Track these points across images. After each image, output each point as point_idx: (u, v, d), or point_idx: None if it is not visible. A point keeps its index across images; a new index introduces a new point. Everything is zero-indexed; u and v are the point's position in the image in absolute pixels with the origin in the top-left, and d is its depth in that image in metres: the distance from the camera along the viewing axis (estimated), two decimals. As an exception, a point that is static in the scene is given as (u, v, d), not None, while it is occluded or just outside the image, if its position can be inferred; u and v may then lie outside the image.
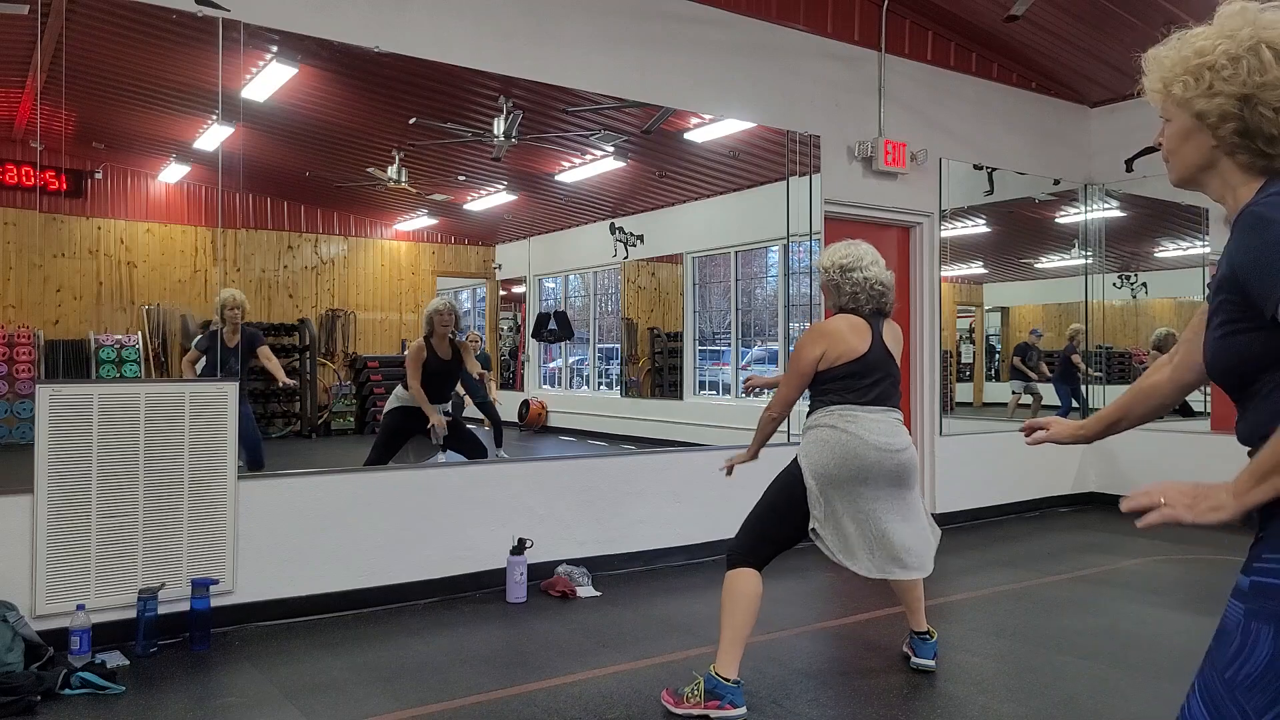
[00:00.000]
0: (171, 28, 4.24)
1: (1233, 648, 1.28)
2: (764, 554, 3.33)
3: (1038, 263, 8.64)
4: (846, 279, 3.45)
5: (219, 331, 4.58)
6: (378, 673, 3.66)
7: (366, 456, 5.14)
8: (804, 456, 3.32)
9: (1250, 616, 1.26)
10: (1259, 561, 1.28)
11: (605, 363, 7.54)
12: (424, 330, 5.34)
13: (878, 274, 3.46)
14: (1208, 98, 1.38)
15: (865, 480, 3.25)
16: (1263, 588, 1.25)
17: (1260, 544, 1.30)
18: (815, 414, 3.38)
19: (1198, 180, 1.47)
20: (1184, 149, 1.46)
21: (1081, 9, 6.36)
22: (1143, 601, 4.78)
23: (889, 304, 3.50)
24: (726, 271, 7.11)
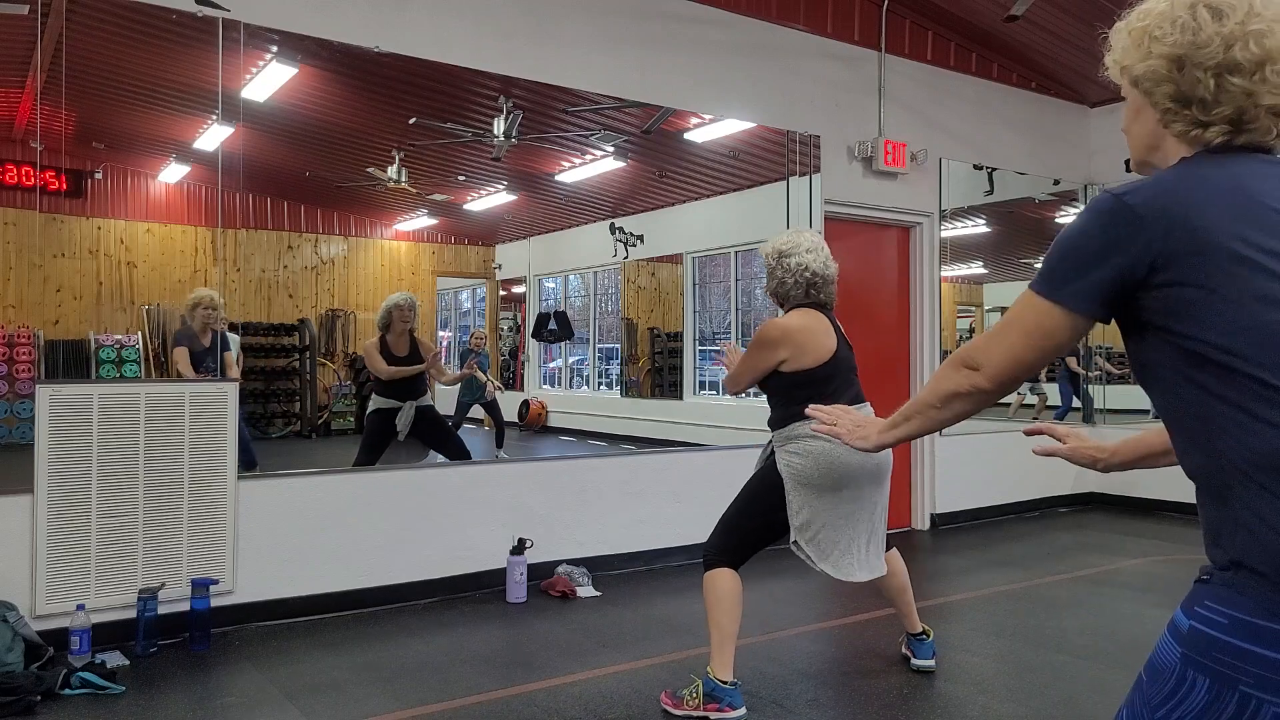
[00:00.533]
0: (171, 28, 4.24)
1: (1166, 688, 1.24)
2: (741, 554, 3.32)
3: (1038, 263, 8.63)
4: (780, 264, 3.41)
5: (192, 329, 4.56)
6: (378, 673, 3.66)
7: (355, 456, 5.13)
8: (785, 467, 3.27)
9: (1186, 663, 1.21)
10: (1201, 607, 1.22)
11: (605, 363, 7.54)
12: (379, 322, 5.28)
13: (810, 260, 3.37)
14: (1144, 61, 1.33)
15: (848, 484, 3.24)
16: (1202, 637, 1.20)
17: (1204, 586, 1.24)
18: (792, 426, 3.28)
19: (1150, 162, 1.42)
20: (1134, 127, 1.42)
21: (1081, 9, 6.35)
22: (1143, 601, 4.78)
23: (825, 296, 3.42)
24: (726, 271, 7.11)
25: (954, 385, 1.41)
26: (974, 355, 1.38)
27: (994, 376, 1.36)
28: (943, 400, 1.44)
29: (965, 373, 1.39)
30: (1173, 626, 1.27)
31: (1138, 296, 1.24)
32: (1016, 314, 1.34)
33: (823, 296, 3.42)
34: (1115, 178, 7.77)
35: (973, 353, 1.39)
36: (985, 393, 1.39)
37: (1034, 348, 1.32)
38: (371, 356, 5.24)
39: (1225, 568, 1.21)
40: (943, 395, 1.44)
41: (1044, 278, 1.31)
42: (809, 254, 3.39)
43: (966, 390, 1.40)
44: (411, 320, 5.29)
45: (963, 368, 1.40)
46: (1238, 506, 1.19)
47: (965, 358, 1.40)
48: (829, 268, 3.43)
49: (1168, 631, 1.28)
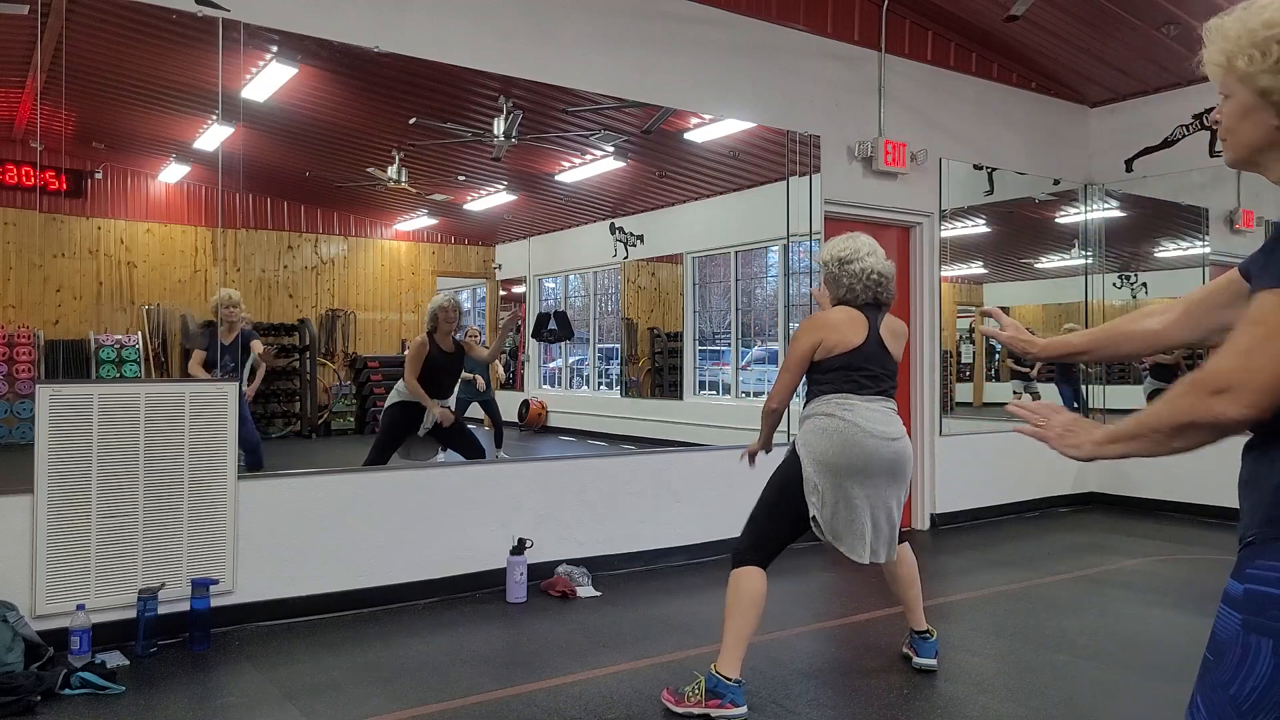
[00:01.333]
0: (171, 28, 4.24)
1: (1233, 662, 1.23)
2: (768, 551, 3.34)
3: (1038, 263, 8.64)
4: (844, 271, 3.46)
5: (215, 329, 4.59)
6: (378, 673, 3.66)
7: (367, 454, 5.14)
8: (802, 445, 3.34)
9: (1248, 629, 1.20)
10: (1253, 567, 1.21)
11: (605, 363, 7.54)
12: (427, 326, 5.35)
13: (874, 264, 3.46)
14: (1274, 74, 1.27)
15: (862, 468, 3.27)
16: (1258, 597, 1.19)
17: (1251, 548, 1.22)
18: (812, 403, 3.39)
19: (1256, 162, 1.37)
20: (1242, 127, 1.35)
21: (1081, 9, 6.35)
22: (1143, 601, 4.78)
23: (886, 295, 3.49)
24: (726, 271, 7.11)
25: (1193, 413, 1.24)
26: (1223, 378, 1.20)
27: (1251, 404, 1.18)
28: (1176, 428, 1.27)
29: (1209, 399, 1.21)
30: (1227, 597, 1.25)
31: None
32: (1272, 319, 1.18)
33: (888, 295, 3.50)
34: (1115, 178, 7.77)
35: (1222, 376, 1.20)
36: (1234, 423, 1.21)
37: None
38: (413, 356, 5.31)
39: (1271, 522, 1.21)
40: (1178, 423, 1.26)
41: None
42: (870, 257, 3.46)
43: (1208, 420, 1.22)
44: (456, 321, 5.36)
45: (1207, 393, 1.22)
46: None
47: (1211, 381, 1.21)
48: (890, 267, 3.52)
49: (1223, 603, 1.26)
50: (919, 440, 6.79)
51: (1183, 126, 7.30)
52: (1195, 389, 1.23)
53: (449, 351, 5.35)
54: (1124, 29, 6.55)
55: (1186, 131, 7.28)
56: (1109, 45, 6.86)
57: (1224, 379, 1.20)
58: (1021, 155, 7.43)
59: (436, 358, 5.30)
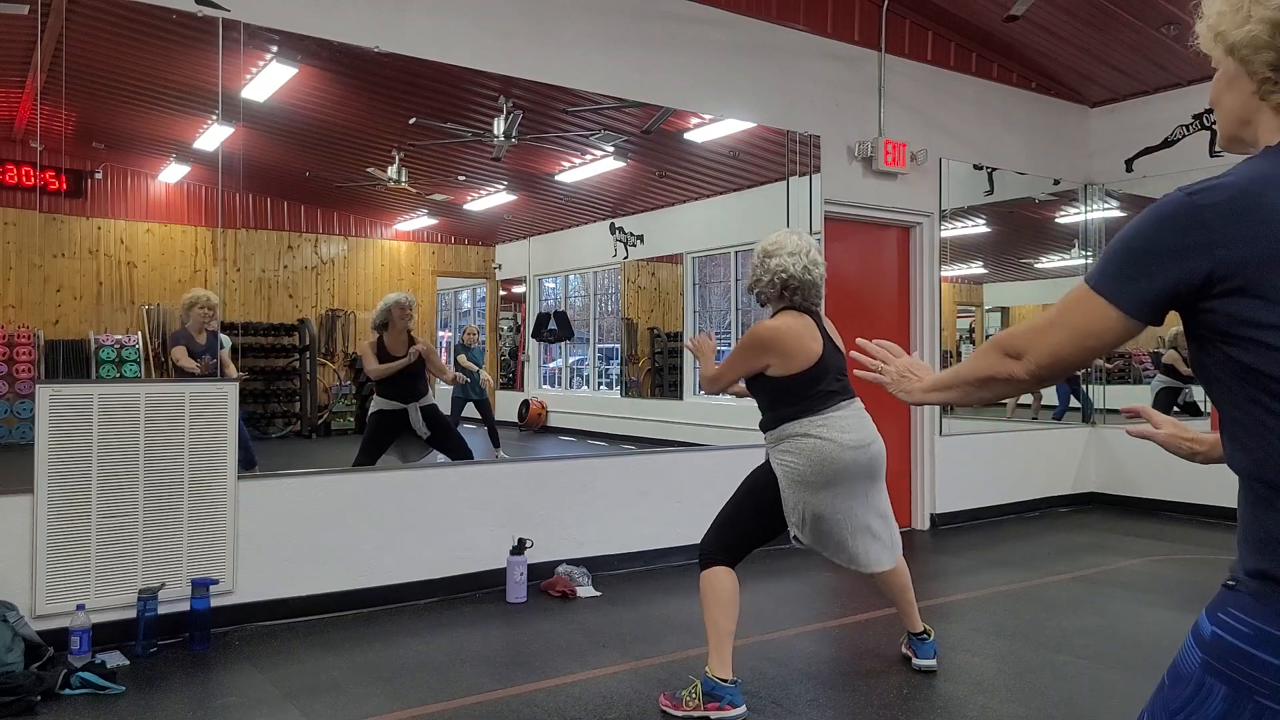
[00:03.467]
0: (171, 28, 4.24)
1: (1185, 694, 1.23)
2: (738, 552, 3.33)
3: (1038, 263, 8.64)
4: (763, 263, 3.39)
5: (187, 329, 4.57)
6: (378, 673, 3.66)
7: (355, 457, 5.13)
8: (779, 466, 3.29)
9: (1205, 669, 1.20)
10: (1225, 614, 1.20)
11: (605, 363, 7.53)
12: (376, 321, 5.24)
13: (790, 265, 3.31)
14: (1241, 26, 1.23)
15: (841, 480, 3.25)
16: (1223, 645, 1.19)
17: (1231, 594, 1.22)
18: (783, 426, 3.30)
19: (1240, 138, 1.32)
20: (1226, 98, 1.31)
21: (1081, 9, 6.35)
22: (1143, 601, 4.78)
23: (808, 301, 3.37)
24: (726, 271, 7.11)
25: (992, 369, 1.40)
26: (1017, 343, 1.36)
27: (1034, 369, 1.34)
28: (980, 381, 1.45)
29: (1005, 360, 1.38)
30: (1196, 632, 1.25)
31: (1198, 304, 1.19)
32: (1067, 308, 1.29)
33: (799, 299, 3.37)
34: (1115, 178, 7.77)
35: (1017, 340, 1.36)
36: (1022, 382, 1.38)
37: (1079, 346, 1.29)
38: (365, 356, 5.22)
39: (1254, 576, 1.19)
40: (981, 376, 1.44)
41: (1100, 274, 1.25)
42: (790, 257, 3.33)
43: (1004, 377, 1.39)
44: (410, 319, 5.26)
45: (1004, 354, 1.38)
46: (1273, 518, 1.17)
47: (1008, 344, 1.37)
48: (810, 273, 3.35)
49: (1190, 636, 1.26)
50: (919, 440, 6.79)
51: (1183, 126, 7.30)
52: (996, 349, 1.39)
53: (396, 354, 5.22)
54: (1124, 29, 6.55)
55: (1186, 131, 7.28)
56: (1109, 45, 6.86)
57: (1018, 345, 1.35)
58: (1021, 155, 7.43)
59: (384, 358, 5.21)
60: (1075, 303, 1.28)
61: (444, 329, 6.92)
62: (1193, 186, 1.19)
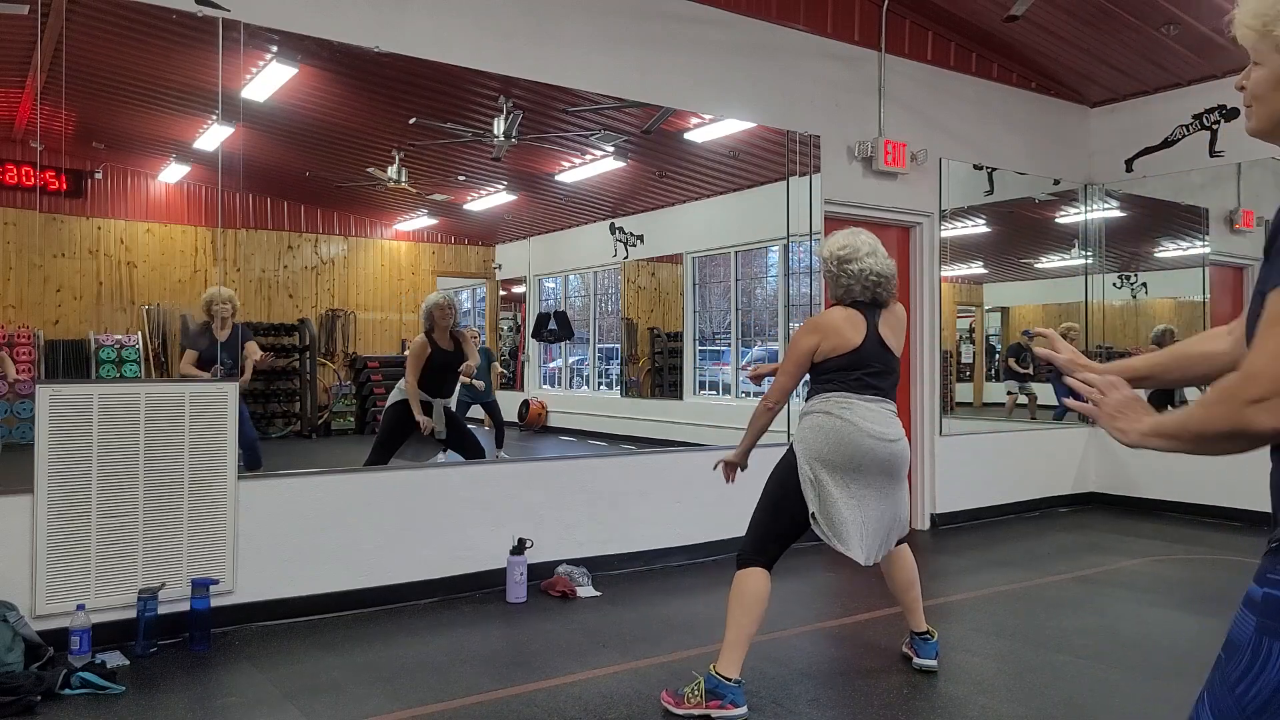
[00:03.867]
0: (171, 28, 4.24)
1: (1243, 663, 1.21)
2: (772, 552, 3.34)
3: (1038, 263, 8.64)
4: (843, 271, 3.45)
5: (210, 327, 4.58)
6: (378, 673, 3.66)
7: (368, 454, 5.14)
8: (799, 442, 3.35)
9: (1262, 632, 1.19)
10: (1274, 573, 1.19)
11: (605, 363, 7.54)
12: (424, 326, 5.33)
13: (873, 265, 3.43)
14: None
15: (859, 467, 3.28)
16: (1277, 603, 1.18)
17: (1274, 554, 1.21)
18: (811, 401, 3.41)
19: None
20: (1273, 97, 1.29)
21: (1081, 9, 6.36)
22: (1143, 601, 4.78)
23: (884, 295, 3.47)
24: (726, 271, 7.11)
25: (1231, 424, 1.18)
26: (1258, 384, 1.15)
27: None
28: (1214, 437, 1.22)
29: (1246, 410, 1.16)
30: (1247, 599, 1.24)
31: None
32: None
33: (887, 295, 3.47)
34: (1115, 178, 7.77)
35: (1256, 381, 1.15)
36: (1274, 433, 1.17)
37: None
38: (413, 356, 5.30)
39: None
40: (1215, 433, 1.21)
41: None
42: (870, 257, 3.44)
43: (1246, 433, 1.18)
44: (452, 317, 5.35)
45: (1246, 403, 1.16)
46: None
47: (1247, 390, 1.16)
48: (890, 266, 3.49)
49: (1242, 605, 1.25)
50: (919, 440, 6.79)
51: (1183, 126, 7.30)
52: (1230, 398, 1.18)
53: (447, 349, 5.35)
54: (1124, 29, 6.55)
55: (1186, 131, 7.28)
56: (1109, 45, 6.86)
57: (1260, 387, 1.14)
58: (1021, 155, 7.43)
59: (437, 357, 5.30)
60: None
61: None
62: None
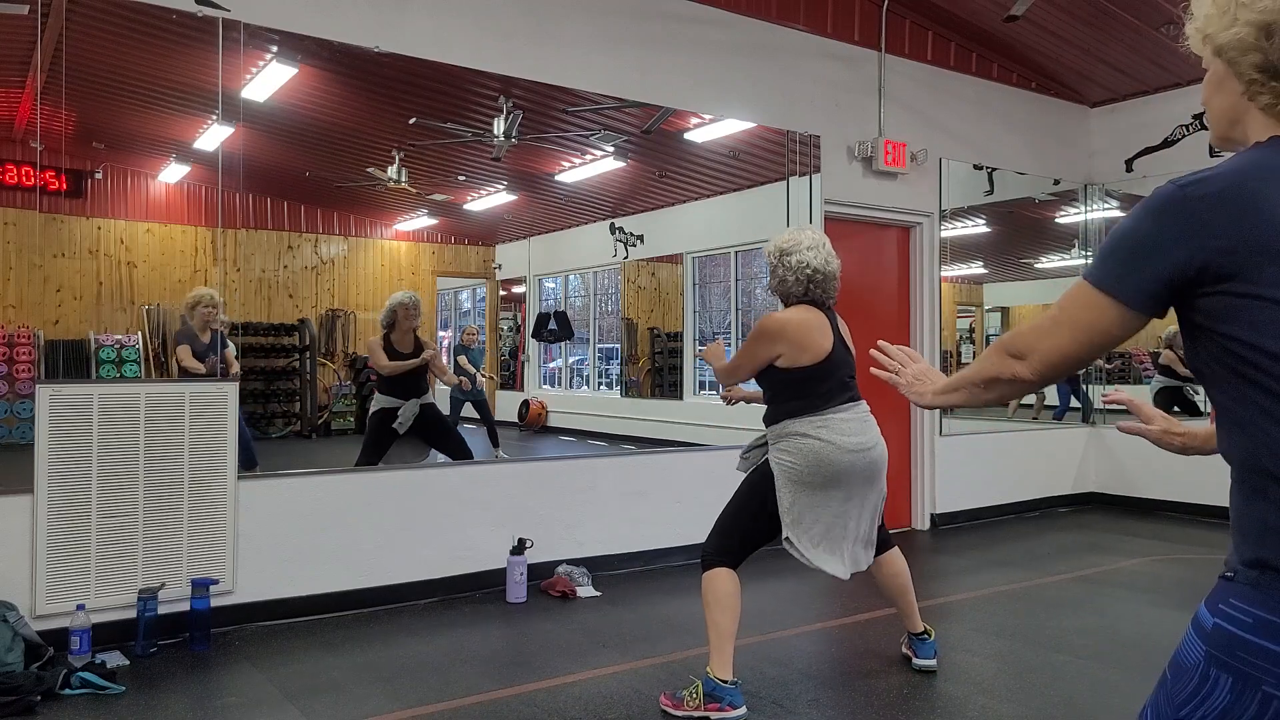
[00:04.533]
0: (171, 28, 4.24)
1: (1189, 687, 1.23)
2: (738, 554, 3.34)
3: (1038, 263, 8.64)
4: (782, 263, 3.40)
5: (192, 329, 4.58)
6: (378, 673, 3.66)
7: (357, 457, 5.13)
8: (776, 464, 3.30)
9: (1210, 661, 1.20)
10: (1226, 604, 1.20)
11: (605, 363, 7.54)
12: (383, 323, 5.28)
13: (811, 259, 3.35)
14: (1228, 28, 1.25)
15: (838, 483, 3.25)
16: (1226, 636, 1.19)
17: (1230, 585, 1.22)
18: (784, 423, 3.31)
19: (1231, 138, 1.34)
20: (1215, 99, 1.33)
21: (1081, 9, 6.36)
22: (1143, 601, 4.78)
23: (823, 293, 3.41)
24: (726, 271, 7.12)
25: (997, 370, 1.41)
26: (1020, 344, 1.37)
27: (1037, 369, 1.35)
28: (985, 382, 1.45)
29: (1009, 360, 1.38)
30: (1196, 623, 1.25)
31: (1192, 294, 1.20)
32: (1068, 306, 1.30)
33: (822, 293, 3.41)
34: (1115, 178, 7.77)
35: (1019, 341, 1.37)
36: (1027, 383, 1.38)
37: (1083, 343, 1.30)
38: (375, 353, 5.24)
39: (1251, 565, 1.20)
40: (986, 377, 1.45)
41: (1099, 268, 1.27)
42: (809, 251, 3.38)
43: (1008, 377, 1.40)
44: (415, 319, 5.29)
45: (1008, 355, 1.39)
46: (1268, 508, 1.18)
47: (1011, 345, 1.39)
48: (830, 264, 3.41)
49: (1191, 628, 1.26)
50: (919, 440, 6.79)
51: (1183, 126, 7.30)
52: (1000, 351, 1.40)
53: (405, 351, 5.28)
54: (1124, 29, 6.55)
55: (1186, 131, 7.28)
56: (1109, 45, 6.86)
57: (1021, 346, 1.36)
58: (1021, 155, 7.43)
59: (391, 356, 5.24)
60: (1075, 299, 1.29)
61: (444, 329, 6.93)
62: (1184, 179, 1.21)
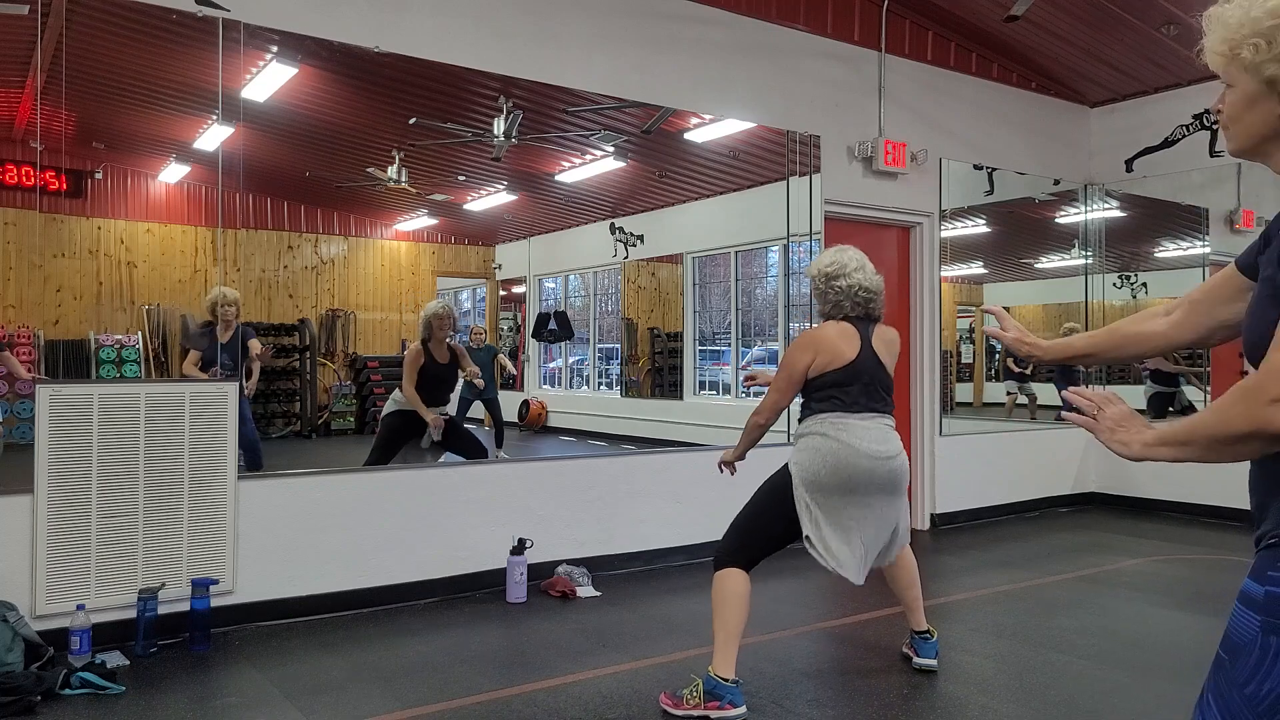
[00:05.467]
0: (171, 28, 4.24)
1: (1250, 662, 1.20)
2: (752, 556, 3.34)
3: (1038, 263, 8.64)
4: (831, 287, 3.44)
5: (214, 328, 4.59)
6: (378, 673, 3.66)
7: (366, 458, 5.14)
8: (795, 464, 3.32)
9: (1267, 630, 1.18)
10: (1275, 570, 1.19)
11: (605, 363, 7.54)
12: (421, 334, 5.33)
13: (861, 280, 3.43)
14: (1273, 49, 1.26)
15: (855, 489, 3.26)
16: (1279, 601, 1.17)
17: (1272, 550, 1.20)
18: (806, 422, 3.38)
19: (1261, 151, 1.37)
20: (1248, 117, 1.35)
21: (1081, 9, 6.36)
22: (1143, 601, 4.78)
23: (876, 309, 3.48)
24: (726, 271, 7.11)
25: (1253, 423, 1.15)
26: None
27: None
28: (1231, 439, 1.20)
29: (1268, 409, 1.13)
30: (1244, 597, 1.23)
31: None
32: None
33: (874, 309, 3.47)
34: (1115, 178, 7.77)
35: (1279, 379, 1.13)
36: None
37: None
38: (409, 368, 5.28)
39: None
40: (1235, 433, 1.18)
41: None
42: (858, 273, 3.44)
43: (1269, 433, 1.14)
44: (449, 328, 5.35)
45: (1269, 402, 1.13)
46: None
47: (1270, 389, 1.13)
48: (876, 280, 3.49)
49: (1239, 604, 1.24)
50: (919, 440, 6.79)
51: (1183, 126, 7.30)
52: (1251, 397, 1.15)
53: (442, 362, 5.33)
54: (1124, 29, 6.55)
55: (1186, 131, 7.28)
56: (1109, 45, 6.86)
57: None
58: (1021, 155, 7.43)
59: (430, 367, 5.28)
60: None
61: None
62: None
